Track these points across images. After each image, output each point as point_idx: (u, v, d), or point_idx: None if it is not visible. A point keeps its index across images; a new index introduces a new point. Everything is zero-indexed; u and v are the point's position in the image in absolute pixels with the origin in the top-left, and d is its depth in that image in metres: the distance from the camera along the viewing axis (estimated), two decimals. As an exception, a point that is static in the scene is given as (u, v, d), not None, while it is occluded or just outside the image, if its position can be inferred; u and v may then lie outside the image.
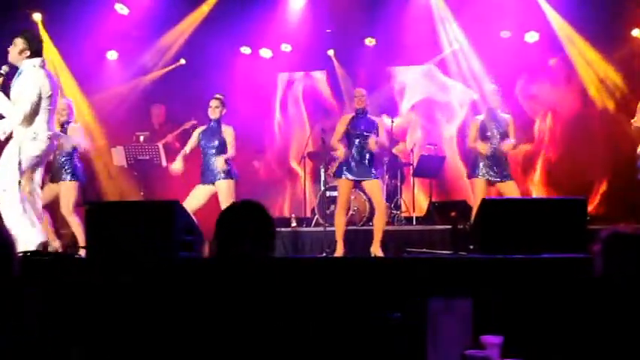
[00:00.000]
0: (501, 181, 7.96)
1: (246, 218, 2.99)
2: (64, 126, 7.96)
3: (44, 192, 7.86)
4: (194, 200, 7.72)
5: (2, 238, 2.76)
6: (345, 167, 7.93)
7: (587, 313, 2.94)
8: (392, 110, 10.63)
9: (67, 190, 7.89)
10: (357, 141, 7.91)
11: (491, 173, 7.94)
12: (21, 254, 4.44)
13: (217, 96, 7.97)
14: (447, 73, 11.09)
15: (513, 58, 10.42)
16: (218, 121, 7.90)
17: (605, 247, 2.99)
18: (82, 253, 7.05)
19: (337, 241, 7.91)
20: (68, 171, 7.91)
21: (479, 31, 10.33)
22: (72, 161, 7.95)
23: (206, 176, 7.83)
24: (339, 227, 7.93)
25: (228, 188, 7.73)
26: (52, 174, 7.94)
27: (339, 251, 7.85)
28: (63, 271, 4.72)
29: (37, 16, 10.20)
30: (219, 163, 7.76)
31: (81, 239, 7.69)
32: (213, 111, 7.89)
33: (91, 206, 5.46)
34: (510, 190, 7.95)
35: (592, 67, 10.28)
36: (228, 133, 7.94)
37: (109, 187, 10.33)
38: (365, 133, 7.91)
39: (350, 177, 7.92)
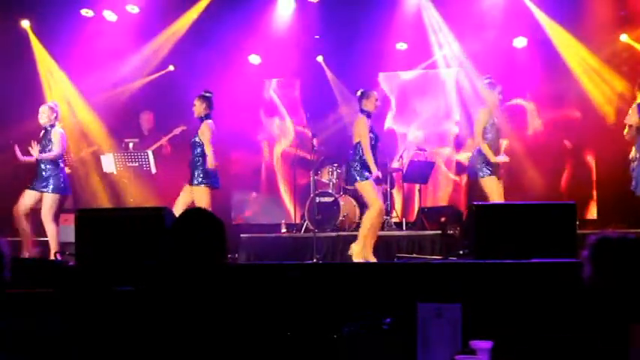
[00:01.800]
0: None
1: (198, 226, 3.03)
2: (47, 129, 7.95)
3: (24, 198, 7.86)
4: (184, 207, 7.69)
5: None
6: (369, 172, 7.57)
7: (576, 317, 2.95)
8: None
9: (49, 201, 7.88)
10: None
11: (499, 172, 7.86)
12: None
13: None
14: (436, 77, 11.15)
15: (503, 64, 10.46)
16: (200, 120, 7.96)
17: (593, 252, 3.01)
18: (59, 257, 7.12)
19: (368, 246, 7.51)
20: (50, 182, 7.87)
21: (469, 36, 10.34)
22: (55, 172, 7.91)
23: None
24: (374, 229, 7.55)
25: (207, 195, 7.76)
26: (34, 181, 7.90)
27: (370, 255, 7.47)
28: (53, 276, 4.72)
29: (25, 23, 10.18)
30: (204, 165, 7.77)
31: (54, 246, 7.73)
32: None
33: (81, 213, 5.46)
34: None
35: (588, 71, 10.27)
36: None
37: (98, 194, 10.30)
38: (376, 137, 7.75)
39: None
